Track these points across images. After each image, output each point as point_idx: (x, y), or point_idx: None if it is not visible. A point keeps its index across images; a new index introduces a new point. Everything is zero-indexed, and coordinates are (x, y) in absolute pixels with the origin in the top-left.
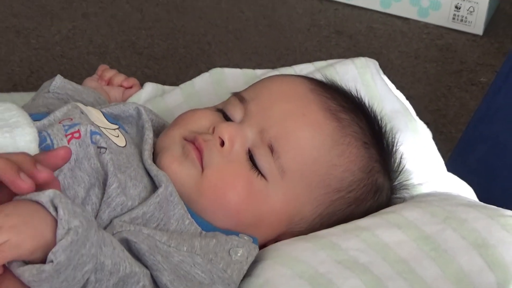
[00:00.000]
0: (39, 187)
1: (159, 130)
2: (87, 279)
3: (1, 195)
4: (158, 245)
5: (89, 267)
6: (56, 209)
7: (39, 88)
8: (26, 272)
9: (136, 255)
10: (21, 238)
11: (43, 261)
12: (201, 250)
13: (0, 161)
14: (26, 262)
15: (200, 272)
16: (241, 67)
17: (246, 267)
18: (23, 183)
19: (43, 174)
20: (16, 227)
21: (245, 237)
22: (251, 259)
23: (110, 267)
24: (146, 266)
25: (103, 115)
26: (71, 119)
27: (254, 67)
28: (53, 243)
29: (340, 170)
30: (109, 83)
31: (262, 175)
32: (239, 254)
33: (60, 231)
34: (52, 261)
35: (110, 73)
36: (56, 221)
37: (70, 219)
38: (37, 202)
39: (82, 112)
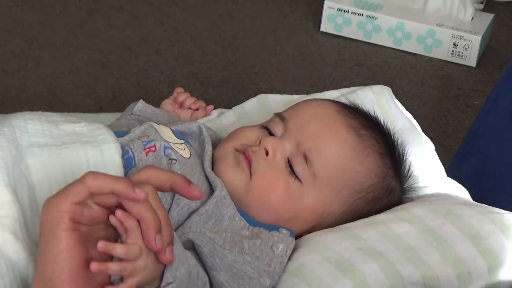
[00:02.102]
0: None
1: (216, 143)
2: None
3: (110, 233)
4: (216, 247)
5: None
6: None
7: (124, 109)
8: None
9: (199, 255)
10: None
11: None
12: (249, 250)
13: (171, 174)
14: None
15: (250, 268)
16: (281, 93)
17: (286, 260)
18: (196, 190)
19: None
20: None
21: (284, 231)
22: (289, 252)
23: None
24: (205, 265)
25: (172, 132)
26: (148, 136)
27: (292, 93)
28: (161, 276)
29: (360, 175)
30: (181, 105)
31: (298, 179)
32: (279, 249)
33: (168, 275)
34: None
35: (182, 96)
36: None
37: (178, 266)
38: None
39: (156, 130)
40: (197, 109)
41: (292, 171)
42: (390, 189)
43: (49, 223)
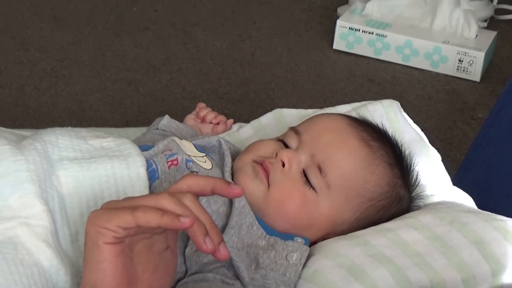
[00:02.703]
0: None
1: (235, 155)
2: None
3: (154, 240)
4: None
5: None
6: None
7: (149, 124)
8: None
9: (235, 270)
10: None
11: None
12: (263, 264)
13: (210, 179)
14: None
15: (267, 280)
16: (296, 108)
17: (300, 268)
18: (236, 188)
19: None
20: None
21: (299, 240)
22: (303, 261)
23: None
24: (239, 279)
25: (194, 146)
26: (171, 150)
27: (306, 108)
28: None
29: (371, 185)
30: (203, 120)
31: (313, 189)
32: (294, 258)
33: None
34: None
35: (204, 111)
36: None
37: None
38: None
39: (178, 145)
40: (218, 123)
41: (307, 181)
42: (399, 197)
43: (93, 235)
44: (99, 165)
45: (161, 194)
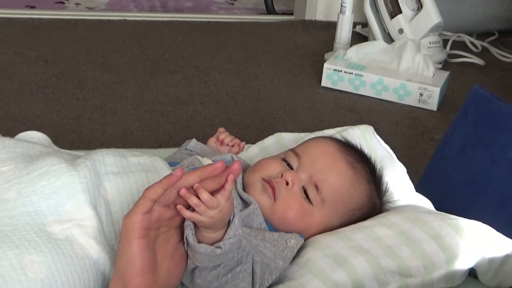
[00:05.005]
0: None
1: (245, 169)
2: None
3: (171, 234)
4: (245, 235)
5: (234, 255)
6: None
7: (177, 146)
8: (202, 248)
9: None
10: (209, 221)
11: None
12: (269, 239)
13: (196, 171)
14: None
15: (268, 251)
16: (292, 132)
17: (295, 250)
18: (217, 163)
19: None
20: (214, 219)
21: (296, 234)
22: (299, 246)
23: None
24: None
25: (212, 161)
26: (193, 165)
27: (300, 132)
28: (223, 234)
29: (355, 198)
30: (221, 142)
31: (310, 202)
32: (292, 242)
33: (231, 231)
34: (221, 248)
35: (222, 135)
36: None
37: (239, 225)
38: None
39: (200, 161)
40: (233, 146)
41: (307, 196)
42: (374, 205)
43: (125, 232)
44: (136, 177)
45: (161, 179)
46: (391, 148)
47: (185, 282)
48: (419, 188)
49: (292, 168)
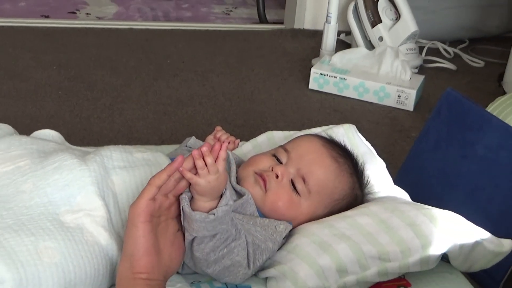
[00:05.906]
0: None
1: (239, 164)
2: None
3: (170, 223)
4: (241, 222)
5: (227, 227)
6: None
7: (178, 143)
8: (197, 215)
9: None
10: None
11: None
12: (259, 224)
13: (165, 169)
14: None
15: (259, 235)
16: (283, 130)
17: (284, 234)
18: (178, 158)
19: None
20: (211, 184)
21: (285, 222)
22: (287, 231)
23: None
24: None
25: None
26: None
27: (289, 130)
28: (215, 205)
29: (339, 190)
30: (218, 140)
31: (298, 193)
32: (281, 227)
33: (224, 201)
34: (214, 214)
35: (219, 133)
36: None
37: (230, 197)
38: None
39: None
40: (229, 143)
41: (294, 188)
42: (356, 196)
43: (132, 217)
44: (141, 171)
45: (164, 167)
46: (372, 145)
47: (185, 260)
48: (397, 181)
49: (281, 163)
